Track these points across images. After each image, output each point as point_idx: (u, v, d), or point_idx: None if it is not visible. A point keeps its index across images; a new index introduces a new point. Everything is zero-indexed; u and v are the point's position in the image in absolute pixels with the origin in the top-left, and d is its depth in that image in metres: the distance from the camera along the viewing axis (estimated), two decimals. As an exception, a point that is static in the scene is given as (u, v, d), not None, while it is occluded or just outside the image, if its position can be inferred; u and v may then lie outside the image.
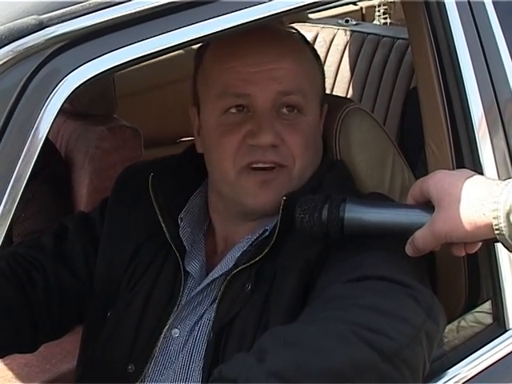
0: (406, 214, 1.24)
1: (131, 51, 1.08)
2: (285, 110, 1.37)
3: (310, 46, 1.48)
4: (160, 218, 1.42)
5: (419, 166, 2.07)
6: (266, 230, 1.37)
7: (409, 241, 1.23)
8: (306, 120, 1.39)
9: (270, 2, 1.21)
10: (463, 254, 1.23)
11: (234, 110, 1.37)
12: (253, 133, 1.34)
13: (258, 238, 1.38)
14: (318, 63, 1.48)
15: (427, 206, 1.23)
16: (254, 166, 1.36)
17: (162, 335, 1.38)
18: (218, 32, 1.16)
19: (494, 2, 1.47)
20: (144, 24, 1.09)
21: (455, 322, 1.42)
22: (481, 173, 1.40)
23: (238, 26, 1.18)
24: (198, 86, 1.44)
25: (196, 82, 1.45)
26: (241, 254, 1.38)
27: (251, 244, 1.38)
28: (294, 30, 1.50)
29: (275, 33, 1.42)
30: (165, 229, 1.42)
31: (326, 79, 1.51)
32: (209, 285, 1.39)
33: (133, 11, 1.08)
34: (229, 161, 1.36)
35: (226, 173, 1.37)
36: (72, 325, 1.56)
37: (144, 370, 1.38)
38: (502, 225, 1.13)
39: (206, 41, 1.18)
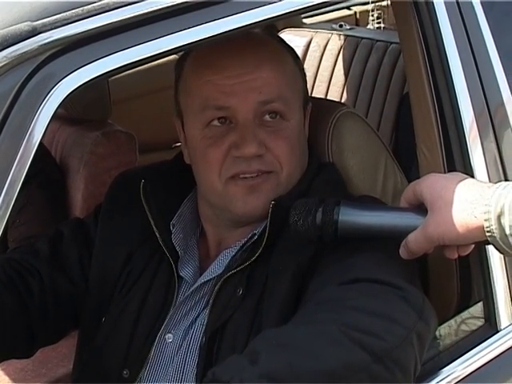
0: (400, 217, 1.25)
1: (124, 56, 1.09)
2: (267, 118, 1.38)
3: (289, 50, 1.47)
4: (152, 224, 1.43)
5: (414, 171, 2.08)
6: (255, 234, 1.38)
7: (402, 243, 1.24)
8: (289, 125, 1.39)
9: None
10: (456, 256, 1.24)
11: (216, 123, 1.38)
12: (236, 144, 1.35)
13: (246, 242, 1.39)
14: (299, 66, 1.47)
15: (420, 208, 1.24)
16: (241, 176, 1.37)
17: (156, 340, 1.39)
18: (219, 33, 1.17)
19: (482, 3, 1.48)
20: (136, 30, 1.10)
21: (447, 323, 1.43)
22: (472, 175, 1.41)
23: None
24: (179, 97, 1.45)
25: (177, 93, 1.45)
26: (230, 259, 1.39)
27: (240, 249, 1.39)
28: (272, 35, 1.49)
29: (253, 41, 1.41)
30: (157, 235, 1.42)
31: (321, 83, 1.52)
32: (200, 289, 1.40)
33: (125, 17, 1.09)
34: (215, 173, 1.37)
35: (213, 184, 1.38)
36: (68, 329, 1.57)
37: (139, 375, 1.39)
38: (493, 227, 1.14)
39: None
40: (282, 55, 1.44)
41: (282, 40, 1.49)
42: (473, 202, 1.16)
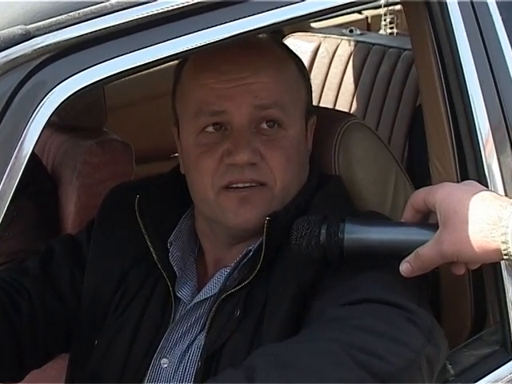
0: (408, 233, 1.26)
1: (121, 62, 1.10)
2: (264, 126, 1.38)
3: (293, 57, 1.48)
4: (148, 242, 1.43)
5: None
6: (250, 251, 1.38)
7: (408, 259, 1.23)
8: (287, 135, 1.40)
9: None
10: (463, 271, 1.26)
11: (210, 129, 1.39)
12: (230, 151, 1.36)
13: (242, 259, 1.39)
14: (303, 75, 1.48)
15: (428, 223, 1.25)
16: (234, 185, 1.37)
17: (151, 365, 1.39)
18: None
19: (500, 9, 1.48)
20: (134, 35, 1.11)
21: (460, 347, 1.43)
22: (487, 191, 1.42)
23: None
24: (176, 103, 1.47)
25: (174, 99, 1.47)
26: (227, 277, 1.39)
27: (237, 266, 1.39)
28: (276, 41, 1.50)
29: (254, 46, 1.42)
30: (154, 253, 1.43)
31: (329, 91, 1.53)
32: (196, 309, 1.40)
33: (122, 21, 1.10)
34: (207, 181, 1.38)
35: (205, 193, 1.39)
36: (58, 352, 1.57)
37: (133, 401, 1.39)
38: (511, 249, 1.16)
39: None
40: (284, 62, 1.45)
41: (286, 47, 1.50)
42: (490, 224, 1.17)
